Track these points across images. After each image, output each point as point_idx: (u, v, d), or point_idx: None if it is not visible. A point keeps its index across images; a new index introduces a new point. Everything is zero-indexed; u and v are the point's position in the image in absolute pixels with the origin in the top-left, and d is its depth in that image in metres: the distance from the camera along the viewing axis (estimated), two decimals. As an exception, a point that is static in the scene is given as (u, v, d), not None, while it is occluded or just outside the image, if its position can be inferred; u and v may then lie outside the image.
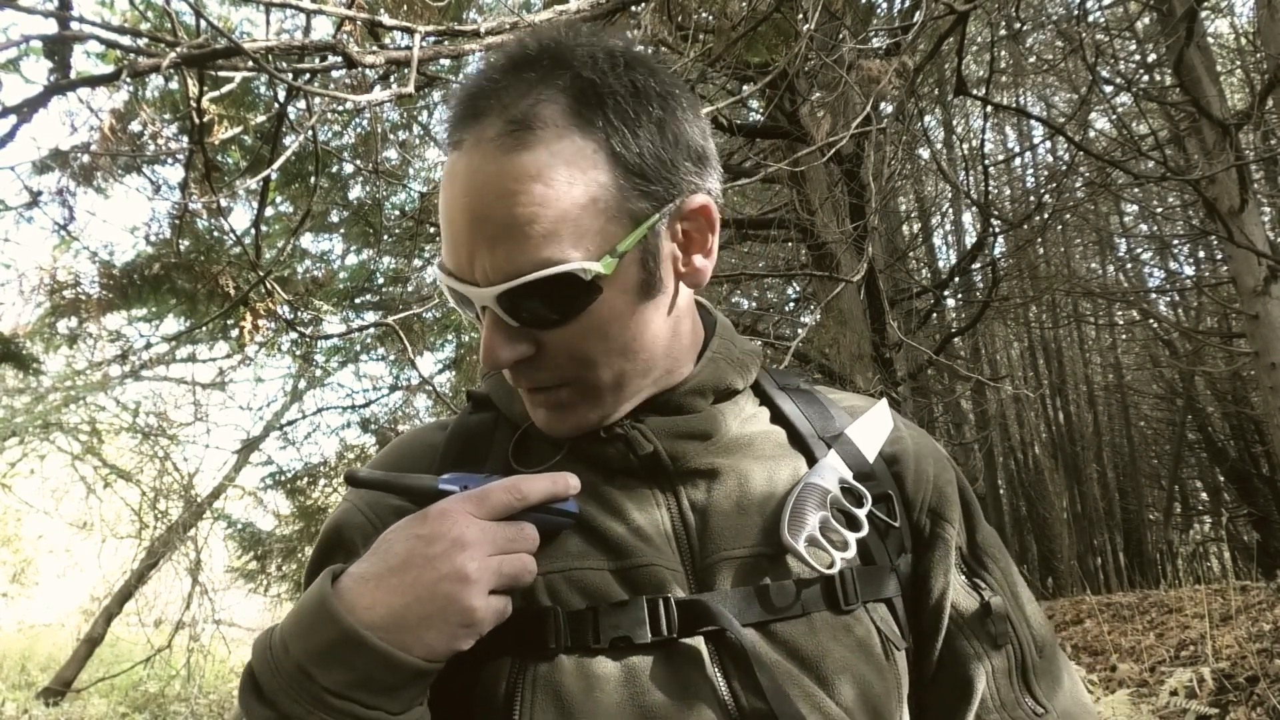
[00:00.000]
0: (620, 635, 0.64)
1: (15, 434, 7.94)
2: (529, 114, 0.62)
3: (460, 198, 0.64)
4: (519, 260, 0.62)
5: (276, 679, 0.58)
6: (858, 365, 5.49)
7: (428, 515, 0.62)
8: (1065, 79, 8.41)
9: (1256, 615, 5.01)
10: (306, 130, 3.18)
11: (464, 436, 0.77)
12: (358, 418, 9.10)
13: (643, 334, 0.68)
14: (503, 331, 0.65)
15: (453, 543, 0.60)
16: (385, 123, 6.22)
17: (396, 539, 0.61)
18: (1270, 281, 5.43)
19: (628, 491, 0.71)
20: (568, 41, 0.66)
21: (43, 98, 2.54)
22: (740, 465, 0.73)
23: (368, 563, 0.61)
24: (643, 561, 0.67)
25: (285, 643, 0.59)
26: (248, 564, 8.72)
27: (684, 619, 0.64)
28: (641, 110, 0.65)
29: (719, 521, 0.69)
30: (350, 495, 0.76)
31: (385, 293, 8.08)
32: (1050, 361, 11.72)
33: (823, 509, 0.70)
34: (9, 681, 9.09)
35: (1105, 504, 10.75)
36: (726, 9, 4.00)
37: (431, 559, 0.59)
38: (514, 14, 2.47)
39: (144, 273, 6.22)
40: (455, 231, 0.65)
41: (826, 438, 0.77)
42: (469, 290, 0.65)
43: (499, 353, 0.65)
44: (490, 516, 0.62)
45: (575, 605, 0.65)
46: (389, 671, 0.57)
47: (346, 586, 0.59)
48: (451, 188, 0.65)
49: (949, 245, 12.01)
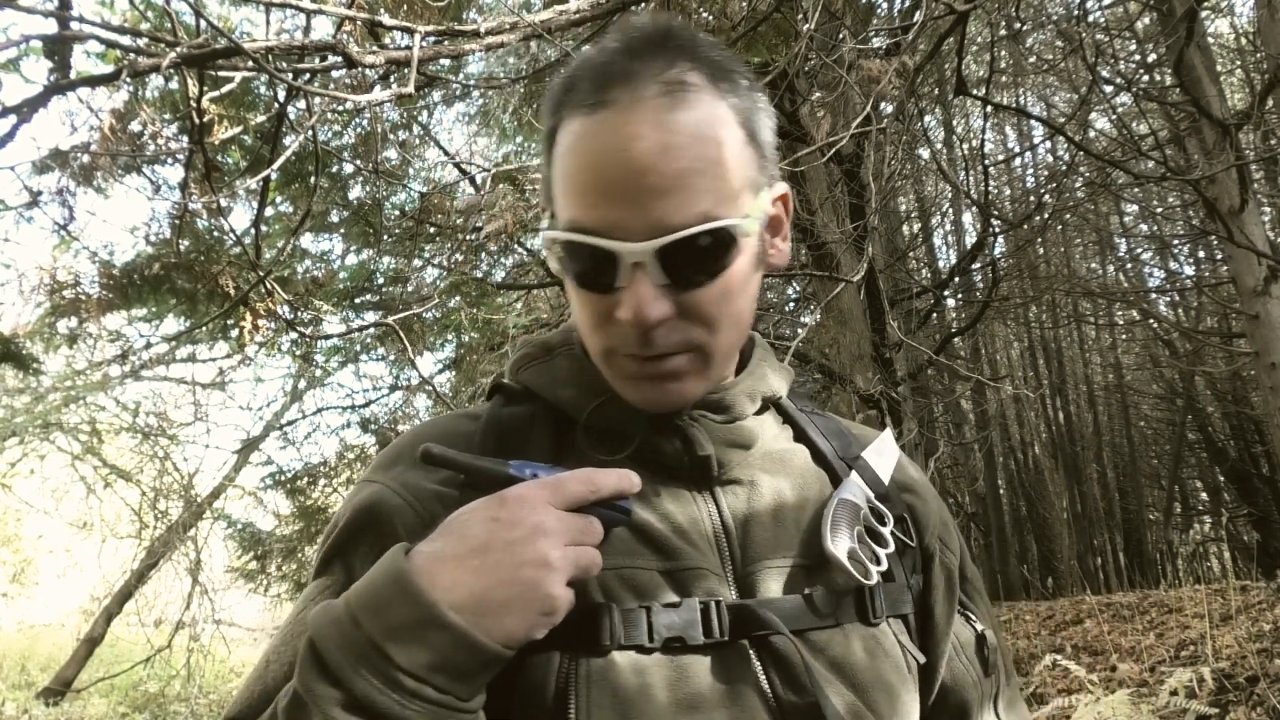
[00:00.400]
0: (674, 635, 0.64)
1: (15, 434, 7.94)
2: (681, 78, 0.65)
3: (618, 152, 0.63)
4: (685, 213, 0.63)
5: (346, 656, 0.55)
6: (858, 365, 5.49)
7: (505, 499, 0.60)
8: (1065, 79, 8.41)
9: (1256, 615, 5.01)
10: (306, 130, 3.19)
11: (500, 428, 0.75)
12: (358, 418, 9.10)
13: (750, 306, 0.71)
14: (653, 289, 0.64)
15: (534, 528, 0.59)
16: (385, 123, 6.22)
17: (473, 520, 0.60)
18: (1270, 281, 5.43)
19: (673, 493, 0.72)
20: (689, 30, 0.70)
21: (43, 98, 2.54)
22: (774, 478, 0.75)
23: (442, 542, 0.59)
24: (691, 564, 0.68)
25: (356, 617, 0.56)
26: (248, 564, 8.72)
27: (734, 622, 0.66)
28: (757, 96, 0.70)
29: (758, 530, 0.71)
30: (374, 477, 0.73)
31: (385, 293, 8.08)
32: (1050, 361, 11.72)
33: (858, 523, 0.73)
34: (9, 681, 9.09)
35: (1105, 504, 10.75)
36: (726, 9, 4.00)
37: (512, 544, 0.58)
38: (514, 14, 2.47)
39: (144, 273, 6.22)
40: (610, 188, 0.64)
41: (846, 459, 0.80)
42: (620, 247, 0.64)
43: (651, 310, 0.64)
44: (564, 506, 0.61)
45: (628, 603, 0.65)
46: (468, 655, 0.55)
47: (421, 566, 0.57)
48: (605, 143, 0.64)
49: (949, 245, 12.02)
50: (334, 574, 0.70)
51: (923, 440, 7.49)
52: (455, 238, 6.62)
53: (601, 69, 0.66)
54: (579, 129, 0.66)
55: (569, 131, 0.67)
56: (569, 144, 0.66)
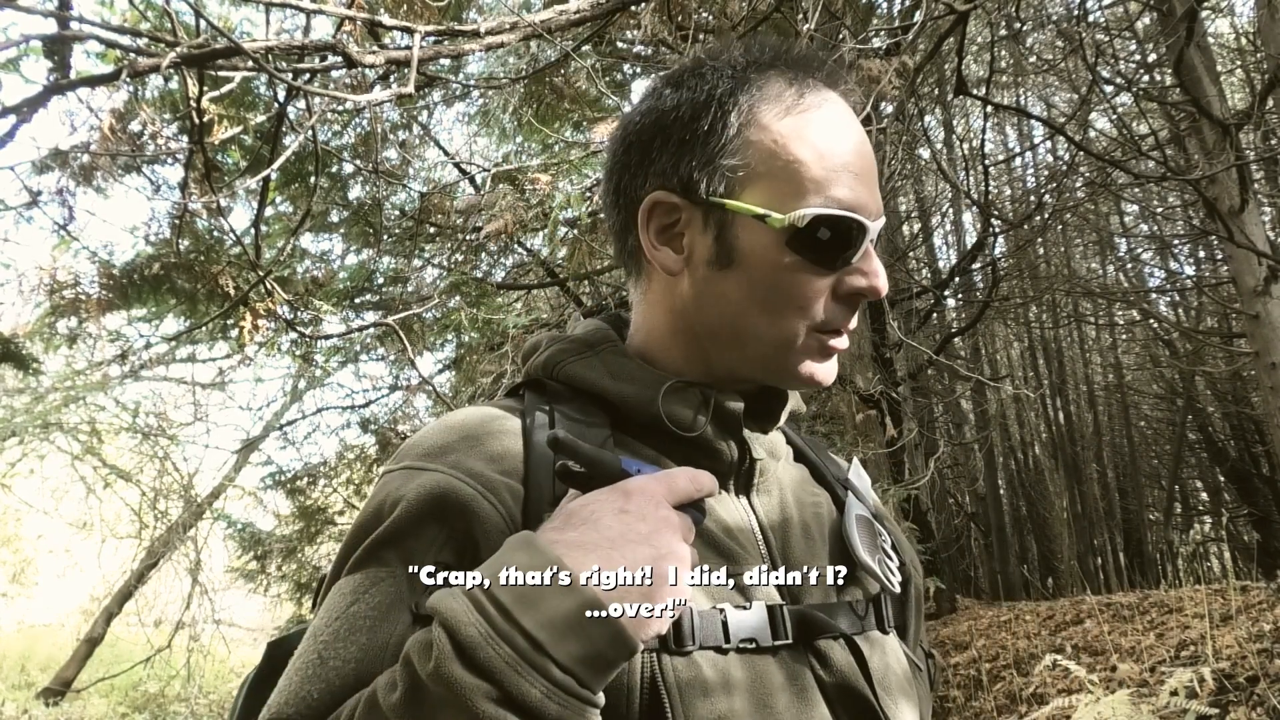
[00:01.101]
0: (748, 637, 0.67)
1: (15, 434, 7.94)
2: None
3: (858, 141, 0.72)
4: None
5: (497, 647, 0.52)
6: (858, 365, 5.49)
7: (629, 492, 0.59)
8: (1065, 79, 8.40)
9: (1256, 615, 5.01)
10: (306, 130, 3.19)
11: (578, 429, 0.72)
12: (358, 418, 9.10)
13: None
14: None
15: (663, 522, 0.58)
16: (385, 123, 6.22)
17: (602, 511, 0.58)
18: (1270, 281, 5.43)
19: (720, 500, 0.74)
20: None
21: (43, 98, 2.54)
22: (793, 490, 0.79)
23: (577, 532, 0.57)
24: (751, 569, 0.70)
25: (504, 606, 0.53)
26: (248, 564, 8.72)
27: (796, 626, 0.69)
28: None
29: (793, 539, 0.75)
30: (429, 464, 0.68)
31: (385, 293, 8.08)
32: (1050, 361, 11.72)
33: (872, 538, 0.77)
34: (9, 681, 9.09)
35: (1105, 504, 10.75)
36: (726, 9, 4.00)
37: (647, 536, 0.57)
38: (514, 14, 2.47)
39: (144, 273, 6.22)
40: (864, 170, 0.71)
41: (840, 479, 0.84)
42: (873, 224, 0.71)
43: (885, 279, 0.73)
44: (675, 503, 0.61)
45: (701, 605, 0.66)
46: (617, 648, 0.54)
47: (565, 553, 0.55)
48: (846, 128, 0.72)
49: (949, 245, 12.02)
50: (389, 565, 0.65)
51: (923, 440, 7.49)
52: (455, 238, 6.62)
53: (812, 58, 0.75)
54: (825, 106, 0.72)
55: (820, 110, 0.72)
56: (827, 122, 0.71)
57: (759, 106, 0.71)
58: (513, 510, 0.64)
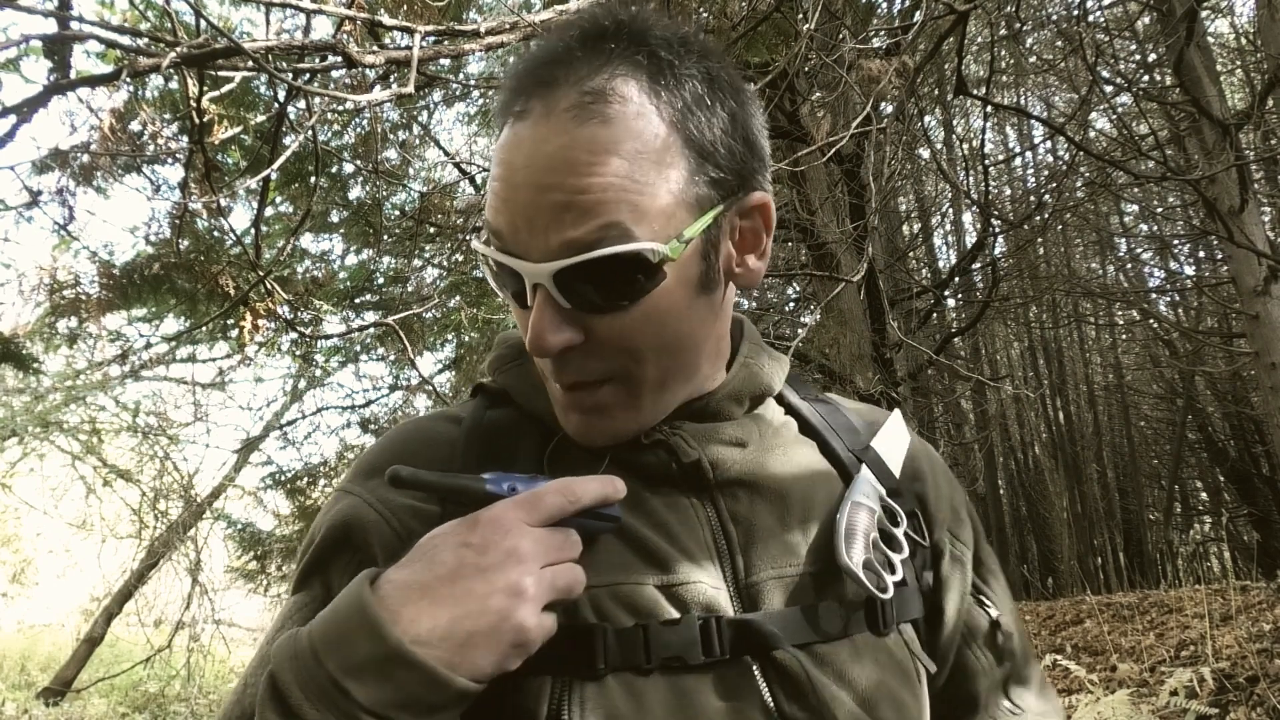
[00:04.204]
0: (673, 655, 0.60)
1: (15, 434, 7.94)
2: (606, 87, 0.60)
3: (525, 168, 0.60)
4: (583, 234, 0.58)
5: (306, 693, 0.52)
6: (858, 365, 5.49)
7: (478, 521, 0.57)
8: (1065, 79, 8.40)
9: (1256, 615, 5.01)
10: (306, 130, 3.18)
11: (485, 434, 0.71)
12: (358, 418, 9.11)
13: (694, 331, 0.65)
14: (554, 314, 0.61)
15: (507, 554, 0.56)
16: (385, 123, 6.22)
17: (444, 546, 0.57)
18: (1270, 281, 5.43)
19: (669, 501, 0.67)
20: (647, 20, 0.64)
21: (43, 98, 2.54)
22: (777, 477, 0.70)
23: (411, 570, 0.56)
24: (690, 578, 0.64)
25: (317, 652, 0.53)
26: (248, 564, 8.73)
27: (735, 639, 0.62)
28: (716, 98, 0.63)
29: (762, 537, 0.67)
30: (351, 488, 0.69)
31: (385, 293, 8.08)
32: (1050, 361, 11.72)
33: (871, 529, 0.68)
34: (9, 681, 9.08)
35: (1105, 504, 10.75)
36: (726, 9, 4.00)
37: (484, 570, 0.55)
38: (514, 14, 2.47)
39: (144, 273, 6.22)
40: (514, 202, 0.60)
41: (856, 450, 0.75)
42: (521, 266, 0.61)
43: (548, 337, 0.61)
44: (542, 522, 0.58)
45: (623, 623, 0.61)
46: (433, 691, 0.53)
47: (389, 594, 0.55)
48: (514, 156, 0.61)
49: (949, 245, 12.02)
50: (312, 590, 0.66)
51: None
52: (455, 238, 6.62)
53: (527, 75, 0.62)
54: (502, 138, 0.63)
55: (498, 138, 0.64)
56: (494, 152, 0.63)
57: (497, 120, 0.65)
58: (416, 532, 0.61)
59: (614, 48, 0.61)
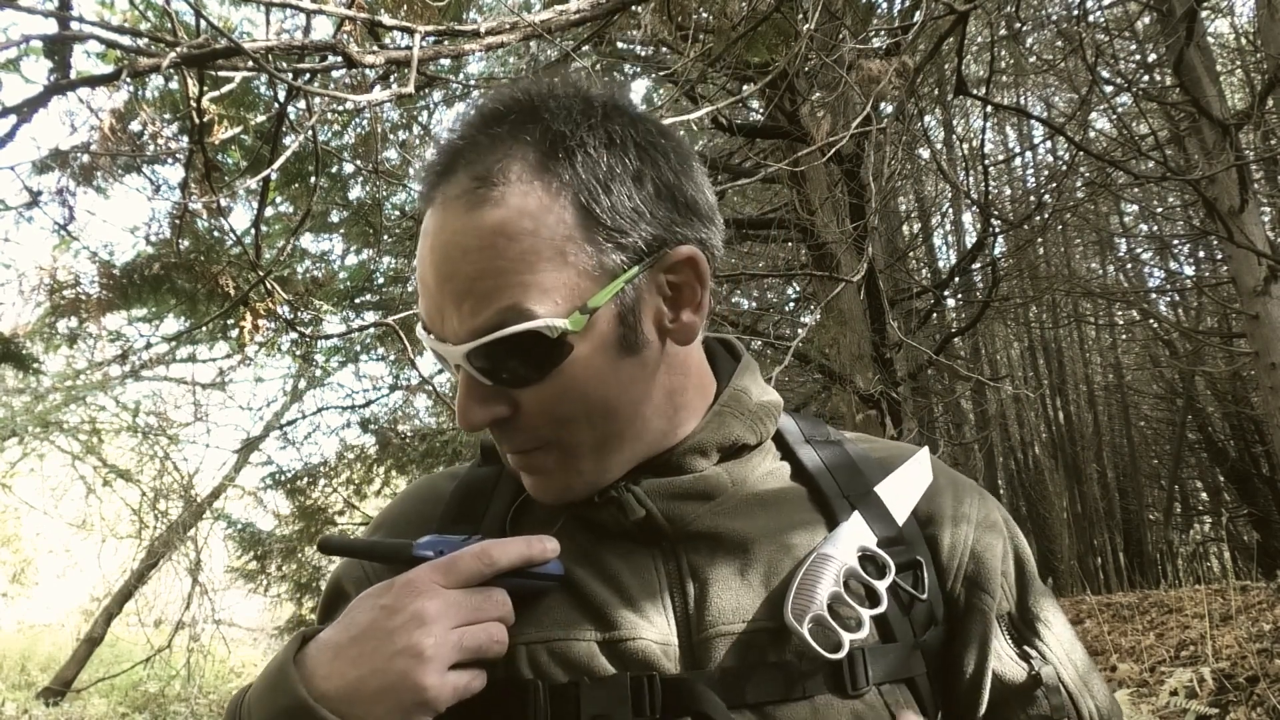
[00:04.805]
0: (600, 713, 0.60)
1: (15, 434, 7.94)
2: (493, 170, 0.61)
3: (429, 255, 0.63)
4: (484, 317, 0.60)
5: None
6: (858, 365, 5.49)
7: (393, 585, 0.60)
8: (1065, 79, 8.40)
9: (1256, 615, 5.01)
10: (306, 130, 3.19)
11: (466, 492, 0.75)
12: (358, 418, 9.11)
13: (625, 393, 0.65)
14: (477, 391, 0.64)
15: (412, 616, 0.58)
16: (385, 123, 6.22)
17: (361, 608, 0.61)
18: (1270, 281, 5.43)
19: (625, 557, 0.67)
20: (544, 92, 0.65)
21: (43, 98, 2.54)
22: (749, 528, 0.68)
23: (333, 630, 0.61)
24: (631, 635, 0.63)
25: (250, 704, 0.60)
26: (248, 564, 8.72)
27: (669, 700, 0.60)
28: (616, 161, 0.63)
29: (720, 591, 0.65)
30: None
31: (385, 293, 8.09)
32: (1050, 361, 11.71)
33: (835, 584, 0.64)
34: (9, 681, 9.09)
35: (1105, 504, 10.75)
36: (726, 9, 4.00)
37: (390, 632, 0.58)
38: (514, 14, 2.47)
39: (144, 273, 6.22)
40: (427, 289, 0.64)
41: (852, 496, 0.71)
42: (442, 348, 0.64)
43: (473, 413, 0.64)
44: (458, 585, 0.60)
45: (557, 679, 0.62)
46: None
47: (309, 653, 0.60)
48: (423, 245, 0.64)
49: (949, 245, 12.01)
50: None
51: (923, 440, 7.48)
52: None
53: (434, 160, 0.65)
54: (425, 227, 0.65)
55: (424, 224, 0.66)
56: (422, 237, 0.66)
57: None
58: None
59: (503, 130, 0.63)
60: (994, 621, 0.71)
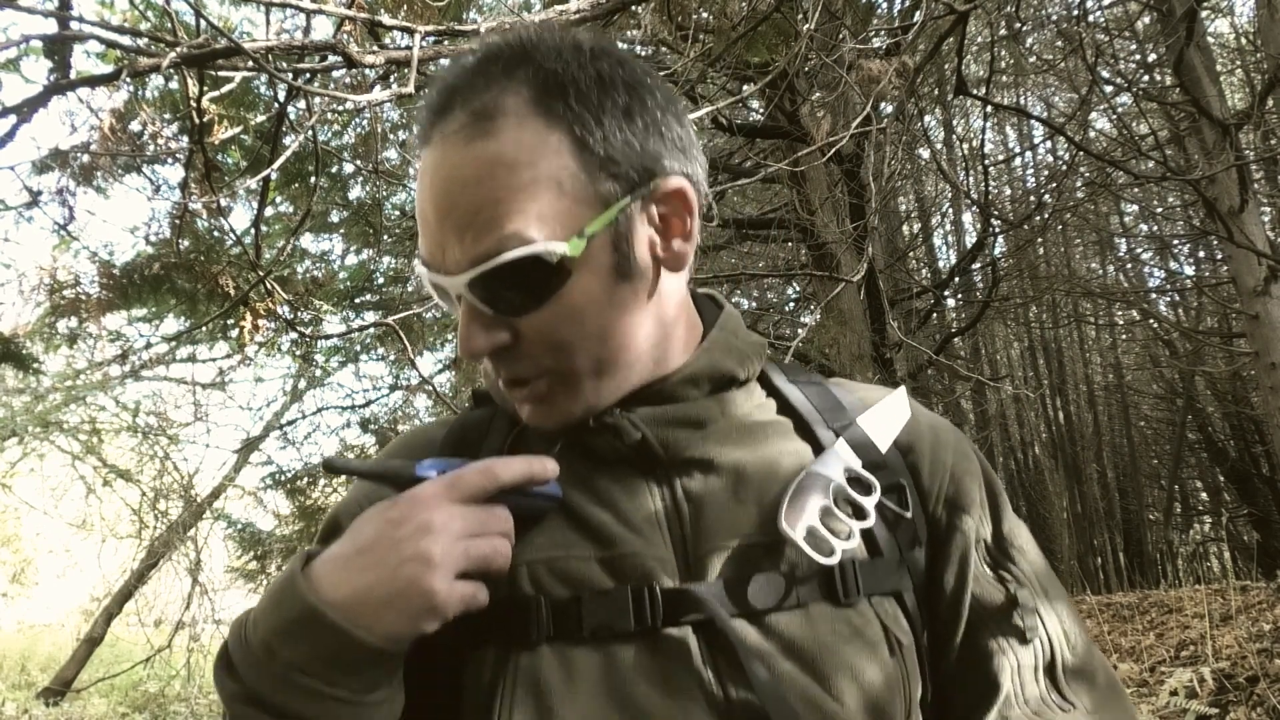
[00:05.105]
0: (601, 624, 0.63)
1: (15, 434, 7.94)
2: (490, 105, 0.64)
3: (429, 190, 0.65)
4: (485, 245, 0.63)
5: (245, 654, 0.59)
6: (858, 365, 5.49)
7: (401, 499, 0.62)
8: (1065, 79, 8.40)
9: (1256, 615, 5.01)
10: (306, 130, 3.19)
11: (460, 430, 0.77)
12: (358, 418, 9.11)
13: (621, 319, 0.68)
14: (479, 320, 0.66)
15: (419, 526, 0.60)
16: (385, 123, 6.22)
17: (368, 522, 0.62)
18: (1270, 281, 5.43)
19: (620, 481, 0.69)
20: (534, 37, 0.68)
21: (43, 98, 2.54)
22: (740, 454, 0.71)
23: (338, 545, 0.62)
24: (629, 550, 0.65)
25: (255, 620, 0.60)
26: (248, 564, 8.72)
27: (669, 608, 0.63)
28: (606, 97, 0.66)
29: (714, 511, 0.68)
30: (354, 486, 0.79)
31: (385, 293, 8.09)
32: (1050, 361, 11.71)
33: (825, 498, 0.67)
34: (9, 681, 9.09)
35: (1105, 504, 10.74)
36: (726, 9, 4.00)
37: (397, 541, 0.59)
38: (514, 14, 2.47)
39: (144, 273, 6.23)
40: (427, 224, 0.66)
41: (835, 426, 0.74)
42: (444, 280, 0.66)
43: (475, 340, 0.66)
44: (463, 500, 0.62)
45: (559, 594, 0.64)
46: (348, 649, 0.57)
47: (315, 568, 0.61)
48: (422, 182, 0.66)
49: (949, 245, 12.01)
50: None
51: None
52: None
53: (427, 105, 0.67)
54: (419, 164, 0.68)
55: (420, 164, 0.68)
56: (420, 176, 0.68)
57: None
58: None
59: (498, 69, 0.66)
60: (973, 543, 0.74)
